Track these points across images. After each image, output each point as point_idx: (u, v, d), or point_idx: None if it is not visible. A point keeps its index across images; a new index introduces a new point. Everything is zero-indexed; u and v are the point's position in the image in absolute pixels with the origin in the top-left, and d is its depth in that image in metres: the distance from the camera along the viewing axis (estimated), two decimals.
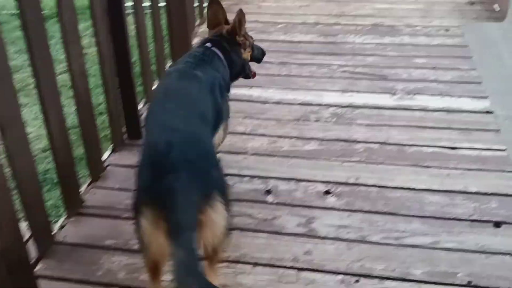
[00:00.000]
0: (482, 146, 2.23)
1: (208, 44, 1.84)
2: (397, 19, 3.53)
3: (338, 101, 2.63)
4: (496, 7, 3.69)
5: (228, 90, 1.92)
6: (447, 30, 3.35)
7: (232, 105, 2.49)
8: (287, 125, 2.46)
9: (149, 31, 2.65)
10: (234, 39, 1.89)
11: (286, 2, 3.92)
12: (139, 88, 2.68)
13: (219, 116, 1.76)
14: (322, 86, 2.78)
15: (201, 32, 3.47)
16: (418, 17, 3.55)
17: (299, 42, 3.29)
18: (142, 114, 2.53)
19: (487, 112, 2.48)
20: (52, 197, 2.22)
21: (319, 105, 2.60)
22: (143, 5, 2.52)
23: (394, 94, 2.67)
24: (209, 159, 1.41)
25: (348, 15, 3.64)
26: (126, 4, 2.22)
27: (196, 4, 3.54)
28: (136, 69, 2.56)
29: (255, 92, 2.73)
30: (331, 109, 2.56)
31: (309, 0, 3.86)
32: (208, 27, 1.97)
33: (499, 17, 3.51)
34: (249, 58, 2.01)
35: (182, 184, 1.26)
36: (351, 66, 2.97)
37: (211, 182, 1.34)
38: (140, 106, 2.55)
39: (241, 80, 2.11)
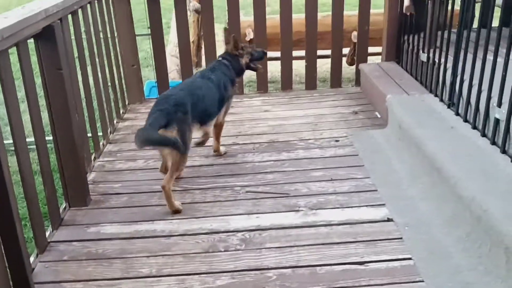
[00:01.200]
0: (389, 257, 2.28)
1: (220, 58, 3.30)
2: (290, 135, 3.70)
3: (245, 225, 2.59)
4: (377, 114, 4.04)
5: (233, 83, 3.29)
6: (337, 141, 3.56)
7: (133, 244, 2.39)
8: (195, 259, 2.35)
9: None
10: (234, 53, 3.28)
11: None
12: (28, 234, 2.47)
13: (224, 98, 3.16)
14: (227, 211, 2.74)
15: (98, 165, 3.36)
16: (309, 131, 3.76)
17: (200, 165, 3.30)
18: (33, 269, 2.30)
19: (388, 219, 2.58)
20: None
21: (227, 232, 2.55)
22: (27, 140, 2.33)
23: (298, 211, 2.71)
24: (180, 108, 2.72)
25: (245, 135, 3.76)
26: (5, 142, 2.06)
27: (89, 134, 3.45)
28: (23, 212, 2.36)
29: (158, 226, 2.62)
30: (239, 235, 2.51)
31: None
32: (226, 46, 3.36)
33: (382, 123, 3.82)
34: (247, 61, 3.32)
35: (158, 114, 2.68)
36: (253, 185, 3.00)
37: (174, 118, 2.66)
38: (31, 258, 2.32)
39: (141, 214, 2.74)
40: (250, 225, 2.59)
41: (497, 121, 2.71)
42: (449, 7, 3.45)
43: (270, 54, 4.73)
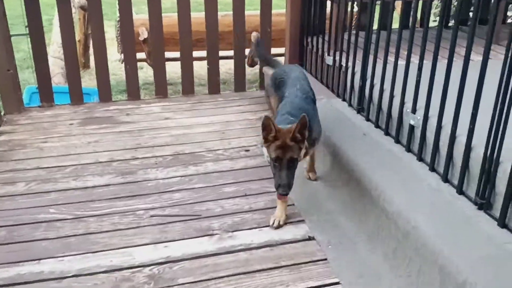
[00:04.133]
0: (316, 283, 2.08)
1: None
2: (196, 145, 3.39)
3: (152, 257, 2.24)
4: None
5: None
6: (247, 151, 3.32)
7: None
8: None
9: None
10: None
11: (72, 140, 3.46)
12: None
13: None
14: (130, 241, 2.37)
15: None
16: (217, 140, 3.47)
17: (94, 187, 2.86)
18: None
19: (309, 238, 2.39)
20: None
21: (131, 267, 2.18)
22: None
23: (212, 235, 2.42)
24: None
25: (145, 147, 3.37)
26: None
27: None
28: None
29: (45, 266, 2.18)
30: (147, 270, 2.16)
31: (99, 135, 3.49)
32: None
33: None
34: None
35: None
36: (158, 208, 2.64)
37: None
38: None
39: (23, 253, 2.25)
40: (158, 257, 2.25)
41: (411, 127, 2.65)
42: (355, 9, 3.36)
43: (167, 54, 4.38)
